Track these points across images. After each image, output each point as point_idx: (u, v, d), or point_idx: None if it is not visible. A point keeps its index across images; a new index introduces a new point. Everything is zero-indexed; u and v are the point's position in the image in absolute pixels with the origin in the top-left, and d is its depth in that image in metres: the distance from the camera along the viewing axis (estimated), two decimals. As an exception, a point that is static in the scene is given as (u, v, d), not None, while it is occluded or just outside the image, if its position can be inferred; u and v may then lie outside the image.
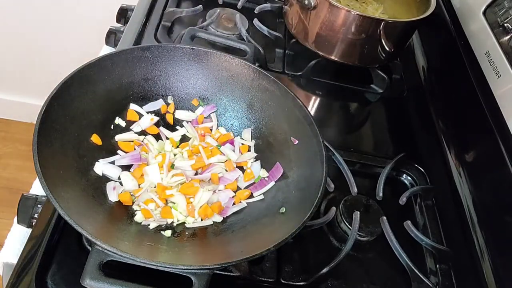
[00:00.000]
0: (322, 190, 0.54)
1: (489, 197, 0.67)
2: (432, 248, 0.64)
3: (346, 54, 0.84)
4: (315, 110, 0.85)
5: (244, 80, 0.67)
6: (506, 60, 0.65)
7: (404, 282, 0.61)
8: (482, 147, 0.72)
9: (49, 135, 0.51)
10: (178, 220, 0.57)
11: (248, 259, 0.47)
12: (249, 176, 0.62)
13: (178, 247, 0.53)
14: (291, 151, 0.63)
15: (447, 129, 0.81)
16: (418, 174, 0.75)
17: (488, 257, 0.63)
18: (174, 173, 0.60)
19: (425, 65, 0.95)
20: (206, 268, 0.45)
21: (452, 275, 0.64)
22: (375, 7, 0.96)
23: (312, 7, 0.80)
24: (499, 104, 0.66)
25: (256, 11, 0.96)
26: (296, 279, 0.58)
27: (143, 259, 0.44)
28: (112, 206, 0.55)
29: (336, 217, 0.65)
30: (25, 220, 0.57)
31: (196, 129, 0.66)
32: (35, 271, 0.50)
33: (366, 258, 0.64)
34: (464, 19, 0.80)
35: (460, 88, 0.80)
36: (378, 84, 0.90)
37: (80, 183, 0.54)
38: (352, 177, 0.69)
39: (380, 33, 0.79)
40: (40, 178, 0.46)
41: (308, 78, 0.89)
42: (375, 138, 0.85)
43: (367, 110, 0.91)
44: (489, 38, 0.69)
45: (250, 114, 0.67)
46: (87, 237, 0.44)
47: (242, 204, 0.60)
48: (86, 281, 0.43)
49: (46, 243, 0.52)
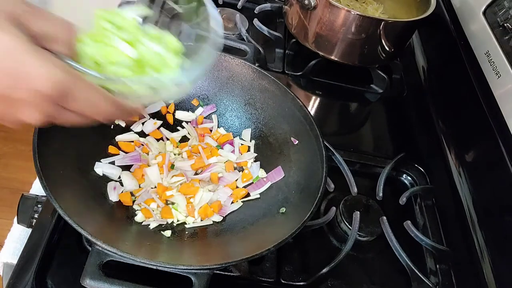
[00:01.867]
0: (322, 190, 0.54)
1: (489, 197, 0.67)
2: (432, 248, 0.64)
3: (346, 54, 0.84)
4: (315, 110, 0.85)
5: (244, 80, 0.67)
6: (506, 60, 0.65)
7: (404, 282, 0.61)
8: (482, 147, 0.72)
9: (49, 135, 0.51)
10: (178, 220, 0.57)
11: (248, 259, 0.47)
12: (247, 177, 0.62)
13: (178, 247, 0.54)
14: (291, 151, 0.63)
15: (447, 129, 0.81)
16: (418, 174, 0.75)
17: (488, 257, 0.63)
18: (174, 174, 0.60)
19: (425, 65, 0.95)
20: (206, 268, 0.45)
21: (452, 275, 0.64)
22: (375, 7, 0.96)
23: (312, 7, 0.80)
24: (499, 104, 0.66)
25: (256, 11, 0.96)
26: (296, 279, 0.58)
27: (143, 259, 0.44)
28: (112, 206, 0.55)
29: (336, 217, 0.65)
30: (25, 220, 0.57)
31: (195, 130, 0.67)
32: (35, 271, 0.50)
33: (366, 258, 0.64)
34: (464, 19, 0.80)
35: (460, 88, 0.80)
36: (378, 84, 0.90)
37: (80, 183, 0.54)
38: (352, 177, 0.69)
39: (380, 33, 0.79)
40: (40, 178, 0.46)
41: (308, 78, 0.89)
42: (375, 138, 0.85)
43: (367, 110, 0.91)
44: (489, 38, 0.69)
45: (250, 114, 0.67)
46: (87, 237, 0.44)
47: (239, 203, 0.60)
48: (86, 281, 0.43)
49: (46, 243, 0.52)
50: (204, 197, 0.58)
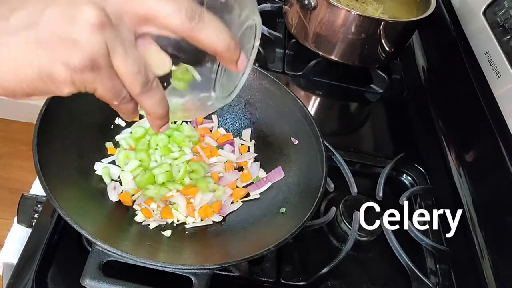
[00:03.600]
0: (322, 190, 0.54)
1: (489, 197, 0.67)
2: (432, 248, 0.64)
3: (346, 54, 0.84)
4: (315, 110, 0.85)
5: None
6: (506, 60, 0.65)
7: (404, 282, 0.61)
8: (482, 147, 0.72)
9: (49, 135, 0.51)
10: (178, 220, 0.57)
11: (248, 259, 0.47)
12: (247, 177, 0.62)
13: (178, 247, 0.54)
14: (291, 151, 0.63)
15: (447, 129, 0.81)
16: (418, 174, 0.75)
17: (488, 257, 0.63)
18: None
19: (425, 65, 0.95)
20: (206, 268, 0.45)
21: (452, 275, 0.64)
22: (375, 7, 0.96)
23: (312, 7, 0.80)
24: (499, 104, 0.66)
25: (256, 11, 0.96)
26: (296, 279, 0.58)
27: (143, 259, 0.44)
28: (112, 206, 0.55)
29: (336, 217, 0.65)
30: (25, 220, 0.57)
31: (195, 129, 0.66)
32: (35, 271, 0.50)
33: (366, 258, 0.64)
34: (464, 19, 0.80)
35: (460, 88, 0.80)
36: (378, 84, 0.90)
37: (80, 183, 0.54)
38: (352, 177, 0.69)
39: (380, 33, 0.79)
40: (40, 178, 0.46)
41: (308, 78, 0.89)
42: (375, 138, 0.85)
43: (367, 110, 0.91)
44: (489, 38, 0.69)
45: (250, 114, 0.67)
46: (87, 237, 0.44)
47: (239, 203, 0.60)
48: (86, 281, 0.43)
49: (46, 243, 0.52)
50: (205, 198, 0.58)
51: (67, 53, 0.28)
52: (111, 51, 0.29)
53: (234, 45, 0.33)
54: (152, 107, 0.33)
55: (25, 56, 0.28)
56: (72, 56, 0.28)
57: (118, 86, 0.31)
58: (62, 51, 0.28)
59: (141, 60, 0.31)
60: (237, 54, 0.34)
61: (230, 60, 0.34)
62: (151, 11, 0.30)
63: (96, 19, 0.28)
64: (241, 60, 0.35)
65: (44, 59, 0.28)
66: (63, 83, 0.29)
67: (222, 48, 0.33)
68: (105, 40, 0.28)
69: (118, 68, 0.30)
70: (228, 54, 0.33)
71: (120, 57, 0.30)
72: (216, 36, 0.32)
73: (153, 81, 0.32)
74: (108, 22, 0.28)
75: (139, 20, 0.30)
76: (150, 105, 0.33)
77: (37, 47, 0.28)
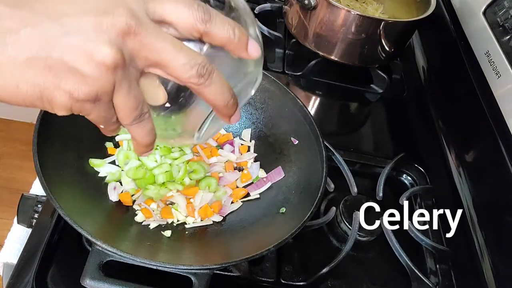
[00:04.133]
0: (322, 190, 0.54)
1: (489, 197, 0.67)
2: (432, 248, 0.64)
3: (346, 54, 0.84)
4: (315, 110, 0.85)
5: (244, 80, 0.67)
6: (506, 60, 0.65)
7: (404, 282, 0.61)
8: (482, 147, 0.72)
9: (49, 135, 0.51)
10: (178, 220, 0.57)
11: (248, 259, 0.47)
12: (247, 177, 0.62)
13: (178, 247, 0.54)
14: (291, 151, 0.63)
15: (447, 129, 0.81)
16: (418, 174, 0.75)
17: (488, 257, 0.63)
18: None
19: (425, 65, 0.95)
20: (206, 268, 0.45)
21: (452, 275, 0.64)
22: (375, 7, 0.96)
23: (312, 7, 0.80)
24: (499, 104, 0.66)
25: (256, 11, 0.96)
26: (296, 279, 0.58)
27: (143, 259, 0.44)
28: (112, 206, 0.55)
29: (336, 217, 0.65)
30: (25, 220, 0.57)
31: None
32: (35, 271, 0.50)
33: (366, 258, 0.64)
34: (464, 19, 0.80)
35: (460, 88, 0.80)
36: (378, 84, 0.90)
37: (80, 183, 0.54)
38: (352, 177, 0.69)
39: (380, 33, 0.79)
40: (40, 178, 0.46)
41: (308, 78, 0.89)
42: (375, 138, 0.85)
43: (367, 110, 0.91)
44: (489, 38, 0.69)
45: (250, 114, 0.67)
46: (87, 237, 0.44)
47: (239, 203, 0.60)
48: (86, 281, 0.43)
49: (46, 243, 0.52)
50: (205, 198, 0.58)
51: (73, 84, 0.28)
52: (116, 88, 0.30)
53: (232, 103, 0.34)
54: (140, 136, 0.34)
55: (31, 76, 0.28)
56: (77, 87, 0.28)
57: (111, 115, 0.31)
58: (69, 80, 0.28)
59: (141, 97, 0.31)
60: (234, 110, 0.35)
61: (225, 114, 0.35)
62: (164, 62, 0.30)
63: (112, 61, 0.28)
64: (236, 114, 0.36)
65: (49, 83, 0.28)
66: (61, 107, 0.29)
67: (221, 104, 0.34)
68: (114, 80, 0.29)
69: (117, 103, 0.31)
70: (225, 110, 0.34)
71: (123, 94, 0.30)
72: (219, 94, 0.33)
73: (146, 113, 0.32)
74: (122, 64, 0.29)
75: (150, 64, 0.31)
76: (138, 133, 0.33)
77: (44, 69, 0.28)
